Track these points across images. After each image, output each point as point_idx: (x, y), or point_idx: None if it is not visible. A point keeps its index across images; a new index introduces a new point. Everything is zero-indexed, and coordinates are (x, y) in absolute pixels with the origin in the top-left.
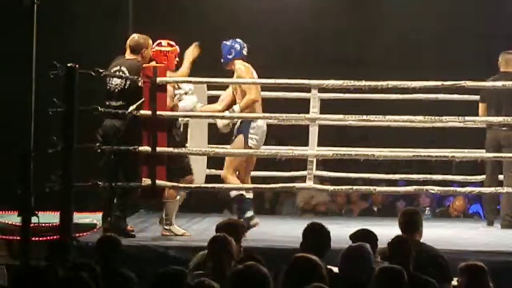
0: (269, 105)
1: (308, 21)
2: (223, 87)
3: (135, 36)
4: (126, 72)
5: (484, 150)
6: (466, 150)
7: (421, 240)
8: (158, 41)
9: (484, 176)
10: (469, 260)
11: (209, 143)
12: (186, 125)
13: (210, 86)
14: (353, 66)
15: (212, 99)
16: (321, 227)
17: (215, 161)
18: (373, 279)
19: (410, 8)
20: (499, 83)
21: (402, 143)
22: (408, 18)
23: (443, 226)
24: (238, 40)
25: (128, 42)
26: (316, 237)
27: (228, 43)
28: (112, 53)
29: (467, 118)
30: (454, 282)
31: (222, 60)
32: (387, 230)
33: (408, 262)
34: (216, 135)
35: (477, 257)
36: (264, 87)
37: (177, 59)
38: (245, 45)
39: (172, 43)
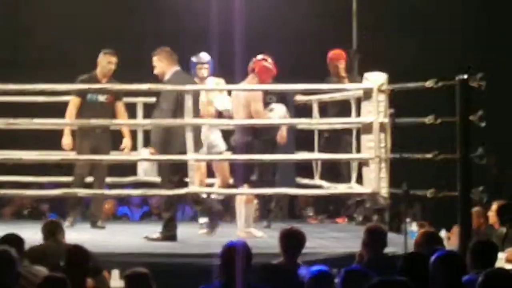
0: None
1: None
2: None
3: None
4: None
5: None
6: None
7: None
8: (264, 57)
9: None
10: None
11: None
12: None
13: None
14: (8, 68)
15: None
16: None
17: None
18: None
19: (65, 9)
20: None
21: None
22: (63, 20)
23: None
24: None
25: None
26: None
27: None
28: None
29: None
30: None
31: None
32: (35, 234)
33: None
34: None
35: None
36: None
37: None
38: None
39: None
